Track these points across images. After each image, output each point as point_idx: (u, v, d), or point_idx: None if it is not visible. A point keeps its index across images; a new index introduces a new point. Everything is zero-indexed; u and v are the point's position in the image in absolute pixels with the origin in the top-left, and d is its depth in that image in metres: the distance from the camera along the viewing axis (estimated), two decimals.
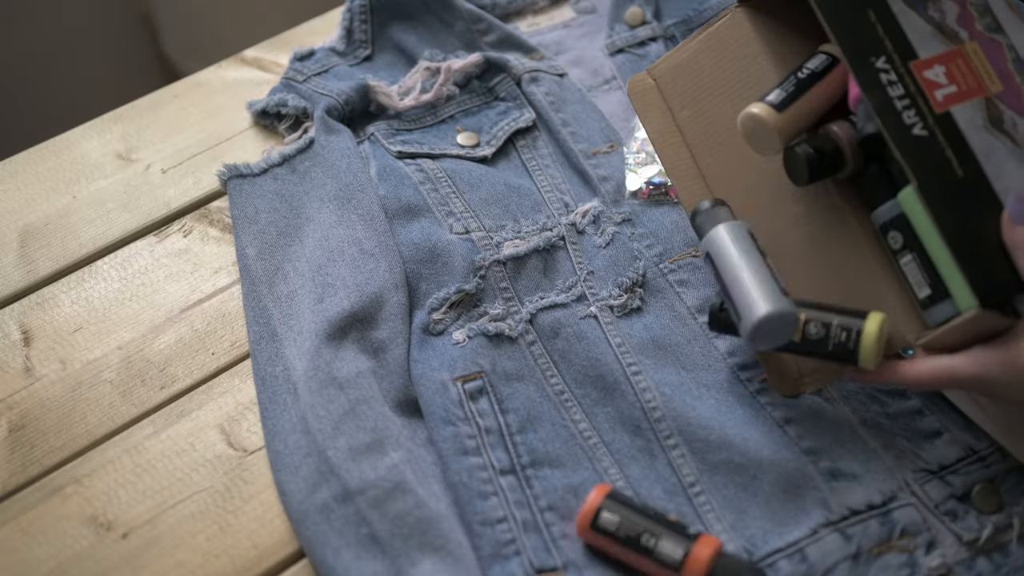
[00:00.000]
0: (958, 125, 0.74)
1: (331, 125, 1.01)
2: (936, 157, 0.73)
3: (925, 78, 0.74)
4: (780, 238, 0.81)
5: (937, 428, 0.80)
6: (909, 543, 0.74)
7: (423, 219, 0.94)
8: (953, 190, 0.73)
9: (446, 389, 0.82)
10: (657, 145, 0.87)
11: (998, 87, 0.75)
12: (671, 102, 0.87)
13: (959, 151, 0.73)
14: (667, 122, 0.87)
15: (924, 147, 0.74)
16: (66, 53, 1.72)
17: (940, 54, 0.75)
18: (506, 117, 1.03)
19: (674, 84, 0.87)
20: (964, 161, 0.73)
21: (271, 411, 0.83)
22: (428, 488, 0.77)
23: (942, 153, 0.73)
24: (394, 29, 1.11)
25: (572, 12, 1.15)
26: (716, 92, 0.86)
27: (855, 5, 0.76)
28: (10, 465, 0.81)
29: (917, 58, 0.75)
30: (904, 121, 0.74)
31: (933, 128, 0.73)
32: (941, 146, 0.73)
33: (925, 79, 0.74)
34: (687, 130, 0.87)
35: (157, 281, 0.94)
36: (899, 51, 0.75)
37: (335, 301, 0.87)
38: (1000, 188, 0.73)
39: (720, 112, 0.85)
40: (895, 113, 0.74)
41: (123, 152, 1.04)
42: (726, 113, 0.85)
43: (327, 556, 0.74)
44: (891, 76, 0.75)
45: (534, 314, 0.87)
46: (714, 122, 0.86)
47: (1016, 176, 0.73)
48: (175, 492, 0.80)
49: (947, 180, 0.73)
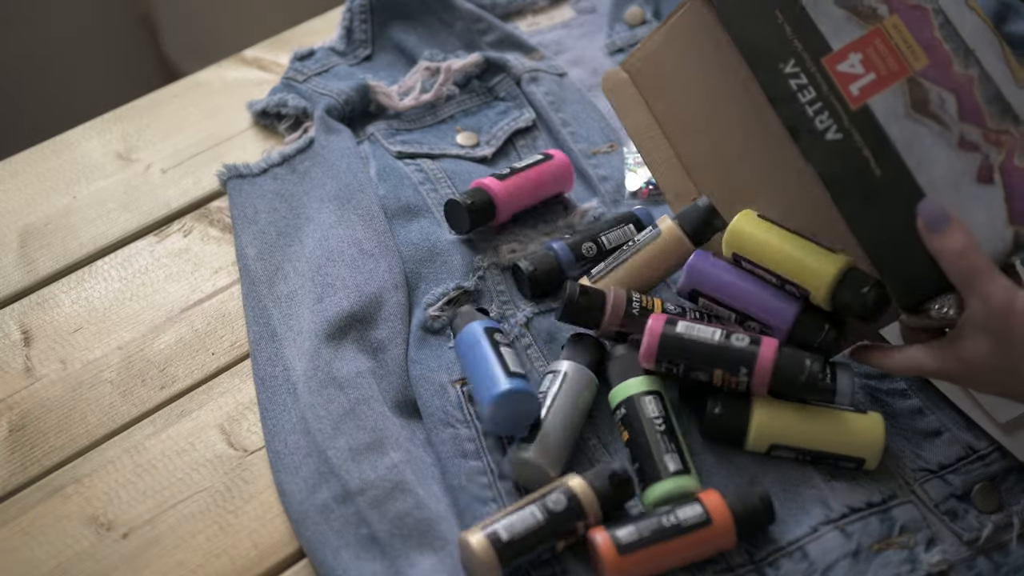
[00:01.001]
0: (876, 118, 0.71)
1: (331, 125, 1.01)
2: (852, 159, 0.72)
3: (839, 72, 0.72)
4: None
5: (937, 428, 0.80)
6: (909, 539, 0.74)
7: (423, 219, 0.94)
8: (871, 192, 0.71)
9: (445, 391, 0.82)
10: (636, 139, 0.85)
11: (923, 62, 0.72)
12: (646, 95, 0.85)
13: (877, 148, 0.71)
14: (644, 115, 0.85)
15: (838, 152, 0.72)
16: (66, 53, 1.71)
17: (855, 40, 0.72)
18: (506, 117, 1.03)
19: (646, 77, 0.85)
20: (883, 158, 0.71)
21: (271, 411, 0.83)
22: (428, 489, 0.77)
23: (859, 154, 0.71)
24: (394, 29, 1.11)
25: (572, 12, 1.15)
26: (686, 82, 0.83)
27: (762, 8, 0.73)
28: (10, 465, 0.81)
29: (830, 51, 0.72)
30: (816, 127, 0.72)
31: (849, 128, 0.72)
32: (857, 146, 0.72)
33: (839, 74, 0.72)
34: (664, 121, 0.84)
35: (157, 281, 0.94)
36: (810, 49, 0.72)
37: (335, 301, 0.86)
38: (924, 180, 0.71)
39: (693, 101, 0.82)
40: (806, 121, 0.72)
41: (123, 152, 1.04)
42: (699, 102, 0.82)
43: (327, 556, 0.74)
44: (801, 80, 0.73)
45: (530, 317, 0.87)
46: (688, 111, 0.83)
47: (941, 162, 0.71)
48: (175, 492, 0.79)
49: (865, 182, 0.71)
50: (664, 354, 0.76)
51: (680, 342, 0.76)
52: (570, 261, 0.87)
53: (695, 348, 0.76)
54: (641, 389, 0.77)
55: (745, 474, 0.77)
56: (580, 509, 0.72)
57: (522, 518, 0.71)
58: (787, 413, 0.77)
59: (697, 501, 0.72)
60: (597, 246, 0.88)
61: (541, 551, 0.71)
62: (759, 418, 0.76)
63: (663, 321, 0.77)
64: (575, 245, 0.88)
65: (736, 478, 0.77)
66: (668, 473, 0.74)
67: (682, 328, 0.77)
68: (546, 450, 0.75)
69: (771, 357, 0.75)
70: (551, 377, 0.79)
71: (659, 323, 0.77)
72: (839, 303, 0.76)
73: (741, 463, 0.78)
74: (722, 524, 0.72)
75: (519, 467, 0.76)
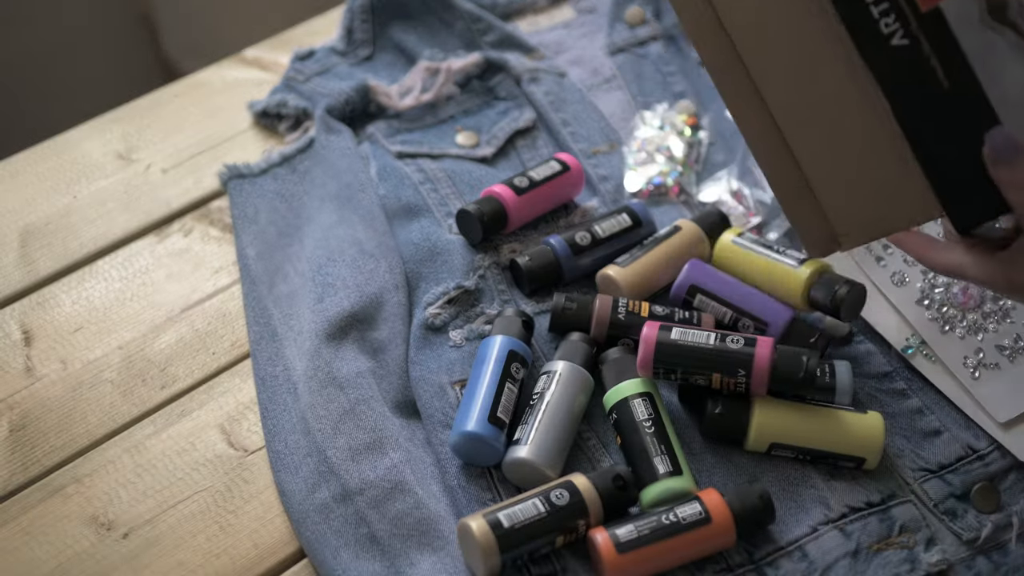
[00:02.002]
0: (948, 23, 0.65)
1: (331, 125, 1.01)
2: (917, 68, 0.66)
3: None
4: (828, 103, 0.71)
5: (937, 427, 0.80)
6: (909, 539, 0.74)
7: (423, 219, 0.94)
8: (936, 105, 0.66)
9: (444, 393, 0.82)
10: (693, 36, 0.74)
11: None
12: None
13: (946, 57, 0.65)
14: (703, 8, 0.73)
15: (902, 60, 0.66)
16: (66, 53, 1.71)
17: None
18: (506, 117, 1.03)
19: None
20: (952, 68, 0.66)
21: (271, 411, 0.83)
22: (427, 489, 0.77)
23: (925, 63, 0.66)
24: (394, 29, 1.11)
25: (572, 12, 1.15)
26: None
27: None
28: (11, 465, 0.81)
29: None
30: (881, 31, 0.66)
31: (916, 34, 0.65)
32: (925, 54, 0.66)
33: None
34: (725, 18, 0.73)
35: (158, 281, 0.94)
36: None
37: (335, 301, 0.87)
38: (995, 96, 0.66)
39: None
40: (869, 24, 0.66)
41: (123, 152, 1.04)
42: None
43: (326, 556, 0.74)
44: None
45: None
46: None
47: (1017, 77, 0.66)
48: (175, 492, 0.80)
49: (930, 94, 0.66)
50: (661, 361, 0.77)
51: (676, 348, 0.76)
52: (567, 254, 0.88)
53: (691, 353, 0.76)
54: (631, 392, 0.77)
55: (745, 474, 0.78)
56: (582, 506, 0.72)
57: (524, 508, 0.71)
58: (787, 412, 0.77)
59: (696, 500, 0.72)
60: (591, 235, 0.89)
61: (541, 544, 0.72)
62: (759, 417, 0.77)
63: (657, 328, 0.77)
64: (569, 237, 0.89)
65: (736, 478, 0.77)
66: (659, 476, 0.74)
67: (677, 334, 0.77)
68: (542, 450, 0.75)
69: (768, 357, 0.75)
70: (545, 378, 0.79)
71: (654, 331, 0.77)
72: (815, 303, 0.82)
73: (741, 463, 0.78)
74: (721, 523, 0.72)
75: (515, 467, 0.76)
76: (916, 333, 0.84)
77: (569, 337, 0.82)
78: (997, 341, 0.82)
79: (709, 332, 0.77)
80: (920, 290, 0.85)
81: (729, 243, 0.86)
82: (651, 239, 0.88)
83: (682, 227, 0.88)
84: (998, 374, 0.81)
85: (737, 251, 0.85)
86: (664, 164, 0.98)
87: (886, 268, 0.87)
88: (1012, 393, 0.80)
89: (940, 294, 0.84)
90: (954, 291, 0.84)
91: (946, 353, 0.82)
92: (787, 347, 0.77)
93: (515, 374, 0.79)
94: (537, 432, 0.76)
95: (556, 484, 0.73)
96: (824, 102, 0.71)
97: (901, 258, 0.87)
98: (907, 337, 0.84)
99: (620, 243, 0.89)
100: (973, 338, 0.83)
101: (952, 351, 0.82)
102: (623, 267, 0.86)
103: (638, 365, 0.77)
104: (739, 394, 0.77)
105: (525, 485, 0.76)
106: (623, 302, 0.82)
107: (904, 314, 0.85)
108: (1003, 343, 0.82)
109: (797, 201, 0.73)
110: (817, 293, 0.82)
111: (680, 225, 0.89)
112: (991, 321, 0.83)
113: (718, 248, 0.87)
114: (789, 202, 0.73)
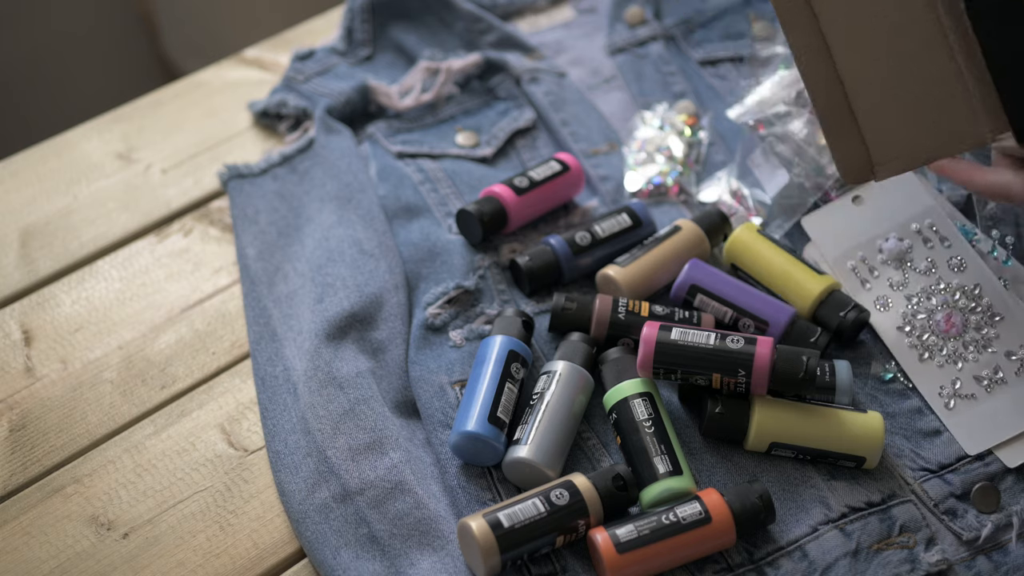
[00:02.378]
0: None
1: (331, 125, 1.01)
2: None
3: None
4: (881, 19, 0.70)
5: (937, 427, 0.80)
6: (909, 539, 0.74)
7: (423, 219, 0.94)
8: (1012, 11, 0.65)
9: (444, 393, 0.82)
10: None
11: None
12: None
13: None
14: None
15: None
16: (66, 53, 1.71)
17: None
18: (506, 117, 1.03)
19: None
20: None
21: (271, 411, 0.83)
22: (427, 488, 0.77)
23: None
24: (394, 29, 1.11)
25: (572, 12, 1.15)
26: None
27: None
28: (11, 465, 0.81)
29: None
30: None
31: None
32: None
33: None
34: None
35: (157, 281, 0.94)
36: None
37: (335, 301, 0.87)
38: None
39: None
40: None
41: (123, 152, 1.04)
42: None
43: (326, 556, 0.74)
44: None
45: None
46: None
47: None
48: (175, 492, 0.80)
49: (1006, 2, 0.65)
50: (661, 361, 0.77)
51: (676, 348, 0.76)
52: (567, 253, 0.88)
53: (691, 353, 0.76)
54: (631, 392, 0.77)
55: (745, 473, 0.78)
56: (582, 506, 0.72)
57: (524, 508, 0.71)
58: (787, 412, 0.77)
59: (696, 499, 0.72)
60: (591, 235, 0.89)
61: (541, 544, 0.72)
62: (760, 417, 0.77)
63: (657, 328, 0.77)
64: (569, 237, 0.89)
65: (736, 477, 0.77)
66: (659, 476, 0.74)
67: (677, 335, 0.77)
68: (542, 450, 0.75)
69: (768, 356, 0.75)
70: (545, 378, 0.79)
71: (654, 331, 0.77)
72: (819, 321, 0.83)
73: (741, 462, 0.78)
74: (721, 522, 0.72)
75: (515, 467, 0.76)
76: (893, 360, 0.83)
77: (569, 337, 0.82)
78: (976, 371, 0.81)
79: (709, 332, 0.77)
80: (902, 315, 0.84)
81: (755, 233, 0.86)
82: (651, 239, 0.88)
83: (682, 227, 0.88)
84: (973, 405, 0.80)
85: (763, 241, 0.86)
86: (664, 164, 0.98)
87: (871, 292, 0.86)
88: (985, 426, 0.79)
89: (922, 320, 0.83)
90: (937, 319, 0.83)
91: (921, 382, 0.82)
92: (787, 347, 0.77)
93: (515, 374, 0.79)
94: (537, 432, 0.76)
95: (556, 484, 0.73)
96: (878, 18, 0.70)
97: (886, 282, 0.85)
98: (885, 364, 0.84)
99: (620, 243, 0.89)
100: (952, 367, 0.82)
101: (928, 380, 0.82)
102: (623, 267, 0.86)
103: (638, 365, 0.77)
104: (739, 394, 0.77)
105: (525, 485, 0.76)
106: (623, 302, 0.82)
107: (884, 340, 0.84)
108: (981, 373, 0.81)
109: (839, 125, 0.73)
110: (824, 312, 0.83)
111: (680, 225, 0.89)
112: (971, 350, 0.82)
113: (738, 235, 0.87)
114: (830, 124, 0.73)
